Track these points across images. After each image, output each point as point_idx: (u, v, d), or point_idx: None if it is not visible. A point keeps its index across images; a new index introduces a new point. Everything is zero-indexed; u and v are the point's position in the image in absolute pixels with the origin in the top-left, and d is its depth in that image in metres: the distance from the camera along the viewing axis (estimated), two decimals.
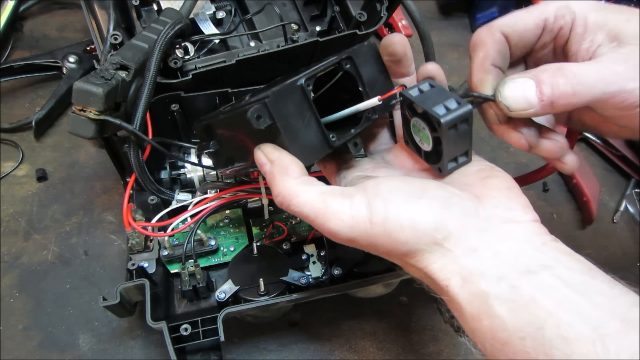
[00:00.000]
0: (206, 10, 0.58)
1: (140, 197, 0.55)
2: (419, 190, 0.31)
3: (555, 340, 0.26)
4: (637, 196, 0.68)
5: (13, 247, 0.60)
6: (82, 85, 0.41)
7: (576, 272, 0.28)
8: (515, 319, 0.27)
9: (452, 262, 0.30)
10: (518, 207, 0.32)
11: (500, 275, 0.28)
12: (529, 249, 0.30)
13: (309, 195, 0.32)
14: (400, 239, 0.30)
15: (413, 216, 0.30)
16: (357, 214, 0.31)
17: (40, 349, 0.53)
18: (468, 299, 0.29)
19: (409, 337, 0.56)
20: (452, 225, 0.30)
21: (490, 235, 0.30)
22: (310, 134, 0.35)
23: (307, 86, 0.34)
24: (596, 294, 0.27)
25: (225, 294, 0.47)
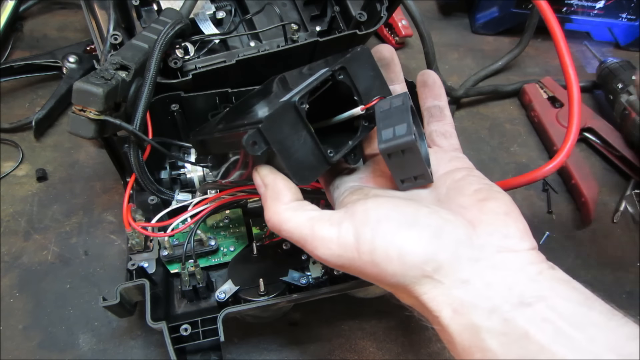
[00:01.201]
0: (206, 10, 0.58)
1: (140, 197, 0.55)
2: (410, 219, 0.30)
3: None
4: (636, 197, 0.68)
5: (13, 247, 0.60)
6: (82, 85, 0.41)
7: (572, 302, 0.27)
8: (507, 353, 0.26)
9: (443, 293, 0.29)
10: (515, 234, 0.31)
11: (492, 308, 0.28)
12: (523, 279, 0.28)
13: (297, 221, 0.33)
14: (388, 270, 0.30)
15: (401, 248, 0.29)
16: (345, 242, 0.31)
17: (40, 349, 0.53)
18: (459, 330, 0.28)
19: (409, 337, 0.56)
20: (442, 257, 0.29)
21: (483, 266, 0.29)
22: (307, 153, 0.34)
23: (301, 104, 0.34)
24: (592, 326, 0.26)
25: (225, 294, 0.47)
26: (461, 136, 0.75)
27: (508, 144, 0.74)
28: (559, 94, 0.75)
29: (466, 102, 0.79)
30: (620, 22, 0.83)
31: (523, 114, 0.78)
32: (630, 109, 0.68)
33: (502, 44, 0.86)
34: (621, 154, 0.69)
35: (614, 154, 0.71)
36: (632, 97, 0.69)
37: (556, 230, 0.64)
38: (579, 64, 0.84)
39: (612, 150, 0.71)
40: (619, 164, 0.70)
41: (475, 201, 0.32)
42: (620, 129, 0.71)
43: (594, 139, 0.72)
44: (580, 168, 0.67)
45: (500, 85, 0.79)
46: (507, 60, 0.82)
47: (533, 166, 0.71)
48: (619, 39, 0.85)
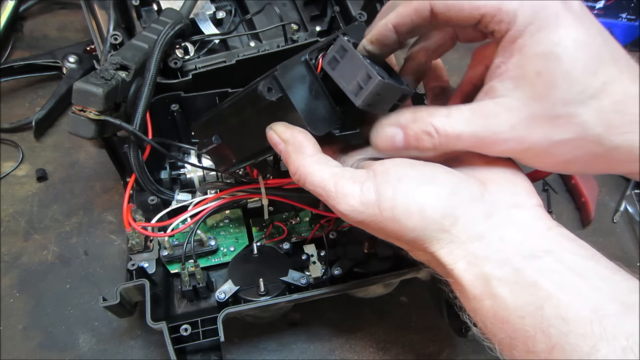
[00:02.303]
0: (206, 10, 0.58)
1: (140, 197, 0.55)
2: (428, 177, 0.32)
3: (554, 320, 0.26)
4: (636, 197, 0.68)
5: (13, 247, 0.60)
6: (82, 85, 0.41)
7: (579, 256, 0.29)
8: (516, 299, 0.28)
9: (458, 247, 0.31)
10: (522, 191, 0.32)
11: (504, 260, 0.29)
12: (534, 234, 0.30)
13: (321, 175, 0.33)
14: (409, 225, 0.31)
15: (421, 203, 0.31)
16: (367, 199, 0.31)
17: (40, 349, 0.53)
18: (472, 280, 0.30)
19: (409, 337, 0.56)
20: (459, 212, 0.31)
21: (496, 221, 0.31)
22: (319, 105, 0.35)
23: (311, 60, 0.35)
24: (597, 278, 0.28)
25: (225, 294, 0.47)
26: None
27: None
28: None
29: None
30: (620, 22, 0.83)
31: None
32: None
33: None
34: None
35: None
36: None
37: None
38: None
39: None
40: None
41: (483, 163, 0.34)
42: None
43: None
44: None
45: None
46: None
47: None
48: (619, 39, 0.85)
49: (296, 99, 0.34)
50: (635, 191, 0.68)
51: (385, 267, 0.49)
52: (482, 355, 0.55)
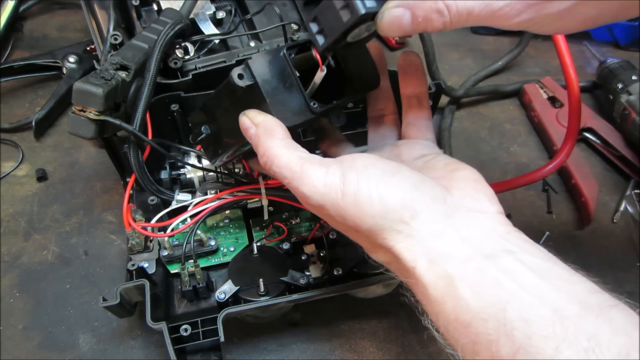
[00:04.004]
0: (206, 10, 0.58)
1: (140, 197, 0.55)
2: (393, 170, 0.32)
3: (517, 322, 0.26)
4: (636, 197, 0.68)
5: (13, 247, 0.60)
6: (82, 85, 0.41)
7: (538, 258, 0.29)
8: (479, 300, 0.28)
9: (418, 243, 0.30)
10: (484, 198, 0.33)
11: (466, 258, 0.29)
12: (494, 236, 0.30)
13: (288, 158, 0.34)
14: (368, 212, 0.31)
15: (383, 192, 0.31)
16: (330, 183, 0.32)
17: (40, 349, 0.53)
18: (434, 280, 0.29)
19: (409, 337, 0.56)
20: (420, 206, 0.31)
21: (457, 221, 0.31)
22: (292, 99, 0.36)
23: (289, 55, 0.36)
24: (557, 278, 0.28)
25: (225, 294, 0.47)
26: (461, 136, 0.76)
27: (508, 144, 0.74)
28: (559, 94, 0.75)
29: (466, 102, 0.79)
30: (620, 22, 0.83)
31: (523, 114, 0.78)
32: (630, 109, 0.68)
33: (502, 44, 0.86)
34: (621, 154, 0.69)
35: (614, 154, 0.71)
36: (632, 97, 0.69)
37: (556, 230, 0.64)
38: (579, 64, 0.84)
39: (612, 150, 0.71)
40: (619, 164, 0.70)
41: (446, 172, 0.35)
42: (620, 129, 0.71)
43: (594, 139, 0.72)
44: (580, 168, 0.67)
45: (500, 85, 0.79)
46: (507, 60, 0.82)
47: (533, 166, 0.71)
48: (619, 39, 0.85)
49: (265, 88, 0.35)
50: (635, 191, 0.68)
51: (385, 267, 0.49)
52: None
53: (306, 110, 0.37)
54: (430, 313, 0.31)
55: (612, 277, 0.61)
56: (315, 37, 0.35)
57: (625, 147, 0.69)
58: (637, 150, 0.68)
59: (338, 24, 0.33)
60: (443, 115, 0.74)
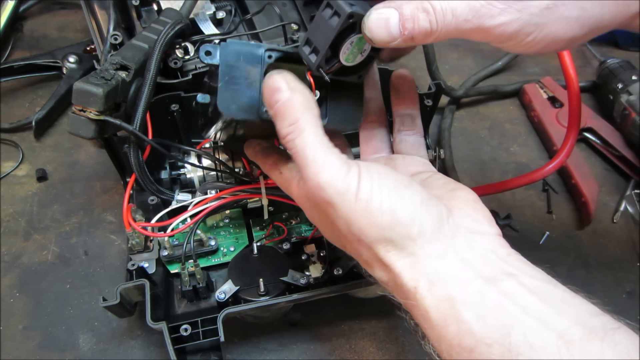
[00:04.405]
0: (206, 10, 0.58)
1: (140, 197, 0.55)
2: (405, 183, 0.32)
3: (522, 347, 0.26)
4: (636, 197, 0.68)
5: (13, 247, 0.60)
6: (82, 85, 0.41)
7: (539, 280, 0.29)
8: (482, 324, 0.27)
9: (421, 262, 0.30)
10: (483, 220, 0.33)
11: (468, 281, 0.29)
12: (495, 259, 0.30)
13: (320, 139, 0.31)
14: (377, 222, 0.30)
15: (395, 204, 0.31)
16: (348, 184, 0.31)
17: (40, 349, 0.53)
18: (435, 303, 0.29)
19: (409, 337, 0.56)
20: (427, 224, 0.31)
21: (458, 243, 0.31)
22: (245, 95, 0.36)
23: (268, 57, 0.36)
24: (559, 301, 0.28)
25: (225, 294, 0.47)
26: (461, 136, 0.76)
27: (508, 144, 0.74)
28: (559, 94, 0.75)
29: (466, 102, 0.79)
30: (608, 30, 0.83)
31: (523, 114, 0.78)
32: (630, 109, 0.68)
33: None
34: (621, 154, 0.69)
35: (614, 154, 0.71)
36: (632, 97, 0.69)
37: (556, 230, 0.64)
38: (579, 64, 0.84)
39: (612, 150, 0.71)
40: (619, 164, 0.70)
41: (445, 192, 0.35)
42: (620, 129, 0.71)
43: (594, 139, 0.72)
44: (580, 168, 0.67)
45: (500, 85, 0.79)
46: (507, 60, 0.82)
47: (533, 166, 0.71)
48: (619, 39, 0.85)
49: (224, 72, 0.35)
50: (635, 191, 0.68)
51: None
52: None
53: (253, 112, 0.36)
54: (431, 337, 0.30)
55: (612, 277, 0.61)
56: (308, 57, 0.35)
57: (625, 147, 0.69)
58: (637, 150, 0.68)
59: (328, 31, 0.33)
60: (443, 115, 0.74)
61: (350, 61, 0.36)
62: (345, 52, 0.35)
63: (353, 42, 0.34)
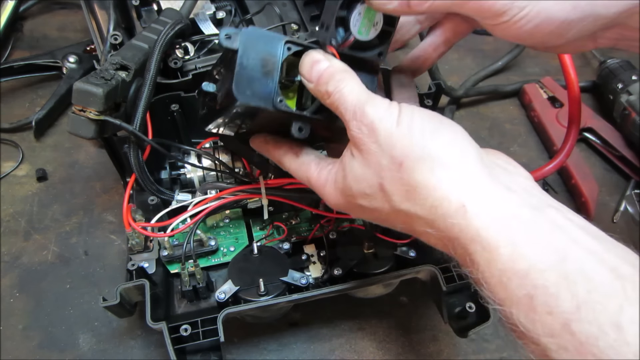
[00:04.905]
0: (206, 10, 0.58)
1: (140, 197, 0.55)
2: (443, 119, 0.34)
3: (578, 276, 0.25)
4: (636, 197, 0.68)
5: (13, 247, 0.60)
6: (82, 85, 0.41)
7: (582, 220, 0.29)
8: (536, 248, 0.26)
9: (469, 180, 0.30)
10: (517, 165, 0.34)
11: (518, 204, 0.28)
12: (537, 193, 0.31)
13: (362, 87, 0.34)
14: (419, 141, 0.31)
15: (436, 127, 0.32)
16: (390, 113, 0.32)
17: (40, 349, 0.53)
18: (487, 223, 0.28)
19: (409, 337, 0.56)
20: (469, 149, 0.32)
21: (501, 174, 0.31)
22: (261, 83, 0.36)
23: (287, 49, 0.36)
24: (605, 240, 0.27)
25: (225, 294, 0.47)
26: None
27: (508, 144, 0.74)
28: (559, 94, 0.75)
29: (466, 102, 0.79)
30: None
31: (523, 114, 0.78)
32: (630, 109, 0.68)
33: (502, 44, 0.86)
34: (621, 154, 0.69)
35: (614, 154, 0.71)
36: (632, 97, 0.69)
37: None
38: (579, 64, 0.84)
39: (612, 150, 0.71)
40: (619, 164, 0.70)
41: None
42: (620, 129, 0.71)
43: (594, 139, 0.72)
44: (580, 168, 0.67)
45: (500, 85, 0.79)
46: (507, 60, 0.82)
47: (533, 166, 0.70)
48: None
49: (242, 59, 0.34)
50: (635, 191, 0.68)
51: (385, 267, 0.49)
52: (482, 355, 0.55)
53: (268, 100, 0.36)
54: (480, 262, 0.28)
55: None
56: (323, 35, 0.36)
57: (625, 147, 0.69)
58: (637, 150, 0.69)
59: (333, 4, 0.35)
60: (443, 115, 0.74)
61: (363, 35, 0.36)
62: (355, 24, 0.35)
63: (361, 13, 0.35)
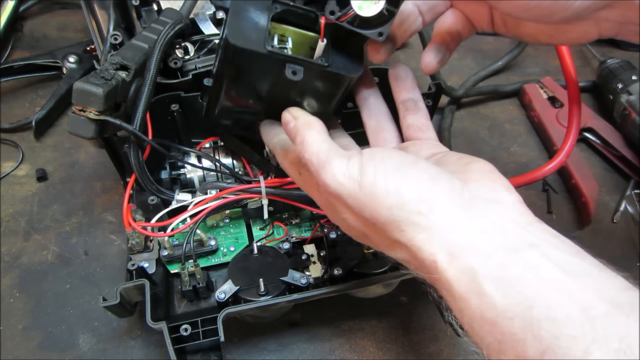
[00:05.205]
0: (206, 10, 0.58)
1: (140, 197, 0.55)
2: (410, 162, 0.32)
3: (544, 322, 0.25)
4: (636, 197, 0.68)
5: (13, 247, 0.60)
6: (82, 85, 0.41)
7: (564, 252, 0.28)
8: (504, 297, 0.27)
9: (438, 235, 0.30)
10: (501, 188, 0.32)
11: (489, 252, 0.28)
12: (516, 228, 0.29)
13: (319, 146, 0.35)
14: (385, 203, 0.31)
15: (400, 184, 0.31)
16: (350, 174, 0.32)
17: (40, 349, 0.53)
18: (457, 276, 0.29)
19: (409, 337, 0.56)
20: (437, 198, 0.30)
21: (476, 213, 0.30)
22: (255, 27, 0.37)
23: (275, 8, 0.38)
24: (584, 275, 0.27)
25: (225, 294, 0.47)
26: (461, 136, 0.76)
27: (508, 144, 0.74)
28: (559, 94, 0.75)
29: (466, 102, 0.79)
30: None
31: (523, 114, 0.78)
32: (630, 109, 0.68)
33: (502, 44, 0.86)
34: (621, 154, 0.69)
35: (614, 154, 0.71)
36: (632, 97, 0.69)
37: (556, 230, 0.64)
38: (579, 64, 0.84)
39: (612, 150, 0.71)
40: (619, 164, 0.70)
41: (460, 166, 0.35)
42: (620, 129, 0.71)
43: (594, 139, 0.72)
44: (580, 168, 0.67)
45: (500, 85, 0.79)
46: (507, 60, 0.82)
47: (533, 166, 0.71)
48: None
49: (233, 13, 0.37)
50: (635, 191, 0.68)
51: (385, 267, 0.49)
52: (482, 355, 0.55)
53: (260, 44, 0.37)
54: (454, 309, 0.30)
55: None
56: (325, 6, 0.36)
57: (625, 147, 0.69)
58: (637, 150, 0.69)
59: None
60: (443, 115, 0.74)
61: (363, 10, 0.36)
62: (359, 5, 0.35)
63: None
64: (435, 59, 0.42)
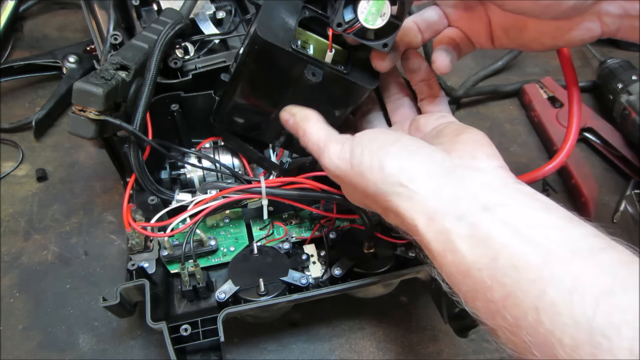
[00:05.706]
0: (206, 10, 0.58)
1: (140, 197, 0.55)
2: (392, 140, 0.36)
3: (507, 269, 0.28)
4: (636, 197, 0.68)
5: (13, 247, 0.60)
6: (82, 85, 0.41)
7: (531, 208, 0.31)
8: (473, 252, 0.30)
9: (417, 203, 0.33)
10: (483, 156, 0.35)
11: (461, 214, 0.31)
12: (488, 191, 0.32)
13: (318, 135, 0.40)
14: (370, 179, 0.35)
15: (382, 160, 0.35)
16: (343, 157, 0.37)
17: (40, 349, 0.53)
18: (434, 237, 0.32)
19: (409, 337, 0.56)
20: (416, 169, 0.34)
21: (453, 180, 0.33)
22: (283, 27, 0.39)
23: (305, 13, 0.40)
24: (549, 227, 0.29)
25: (225, 294, 0.47)
26: None
27: (508, 144, 0.74)
28: (559, 94, 0.75)
29: (466, 102, 0.79)
30: None
31: (523, 114, 0.78)
32: (630, 109, 0.68)
33: None
34: (621, 154, 0.69)
35: (614, 154, 0.71)
36: (632, 97, 0.69)
37: None
38: (579, 64, 0.84)
39: (612, 150, 0.71)
40: (619, 164, 0.70)
41: (451, 137, 0.38)
42: (620, 129, 0.71)
43: (594, 139, 0.72)
44: (580, 168, 0.67)
45: (500, 85, 0.79)
46: (507, 60, 0.82)
47: (533, 166, 0.70)
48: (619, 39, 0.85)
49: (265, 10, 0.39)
50: (635, 191, 0.68)
51: (385, 267, 0.49)
52: (482, 355, 0.55)
53: (286, 42, 0.39)
54: (436, 265, 0.34)
55: None
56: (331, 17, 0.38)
57: (625, 147, 0.69)
58: (637, 150, 0.69)
59: None
60: None
61: (370, 23, 0.37)
62: (363, 11, 0.37)
63: (370, 1, 0.36)
64: (447, 58, 0.44)
